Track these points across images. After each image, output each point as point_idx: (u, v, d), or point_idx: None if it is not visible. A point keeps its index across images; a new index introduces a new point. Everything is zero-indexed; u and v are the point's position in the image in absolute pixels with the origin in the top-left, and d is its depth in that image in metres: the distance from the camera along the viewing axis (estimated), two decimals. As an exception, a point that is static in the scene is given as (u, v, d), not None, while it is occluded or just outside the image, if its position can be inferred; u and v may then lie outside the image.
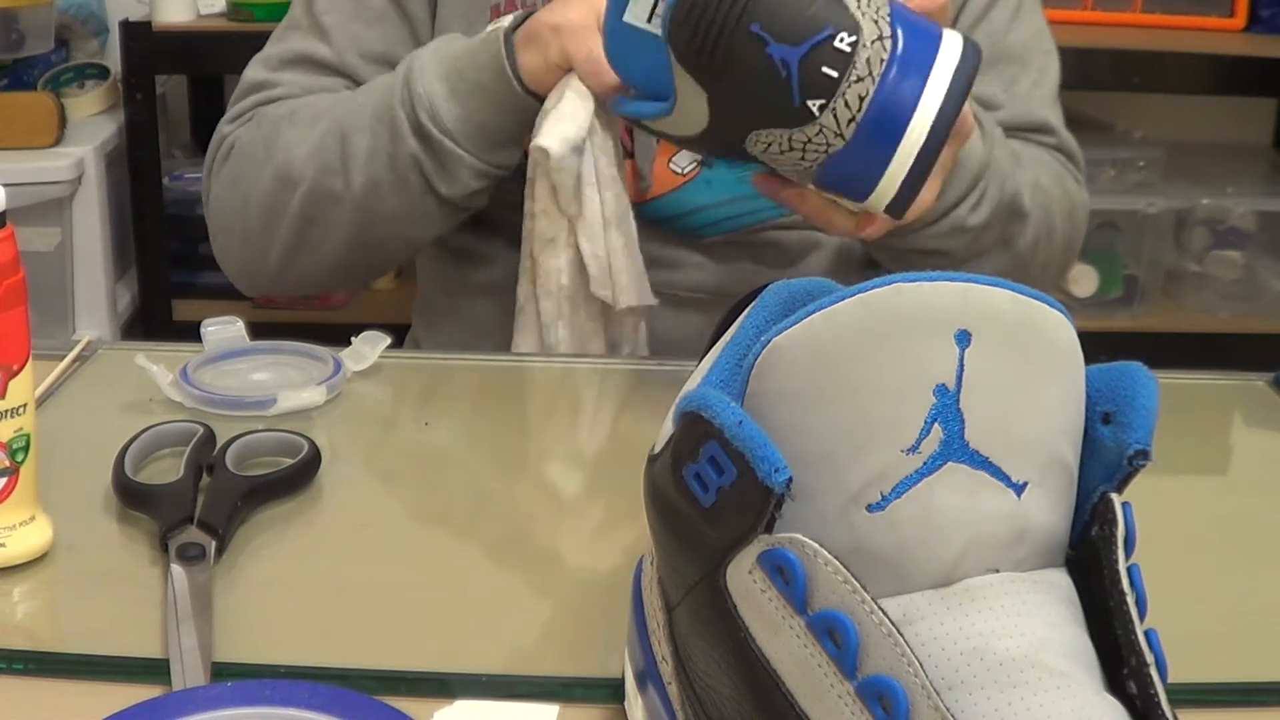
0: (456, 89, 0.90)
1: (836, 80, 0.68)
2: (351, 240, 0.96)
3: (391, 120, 0.91)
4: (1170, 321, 2.14)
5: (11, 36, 1.96)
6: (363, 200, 0.94)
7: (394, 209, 0.94)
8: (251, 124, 1.00)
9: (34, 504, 0.62)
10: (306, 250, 0.98)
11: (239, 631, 0.57)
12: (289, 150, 0.95)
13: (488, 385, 0.90)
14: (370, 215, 0.95)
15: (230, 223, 1.01)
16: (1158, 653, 0.39)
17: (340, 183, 0.94)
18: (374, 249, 0.98)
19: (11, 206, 0.58)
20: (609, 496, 0.74)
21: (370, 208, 0.94)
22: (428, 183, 0.92)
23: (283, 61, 1.02)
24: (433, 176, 0.92)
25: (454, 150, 0.91)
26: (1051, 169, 1.04)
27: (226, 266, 1.05)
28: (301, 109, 0.97)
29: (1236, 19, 2.16)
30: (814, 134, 0.69)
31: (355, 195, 0.94)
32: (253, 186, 0.98)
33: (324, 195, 0.94)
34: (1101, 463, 0.42)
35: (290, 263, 0.99)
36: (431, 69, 0.91)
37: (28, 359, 0.60)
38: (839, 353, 0.40)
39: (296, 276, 1.01)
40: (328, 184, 0.94)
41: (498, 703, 0.55)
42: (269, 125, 0.98)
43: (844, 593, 0.38)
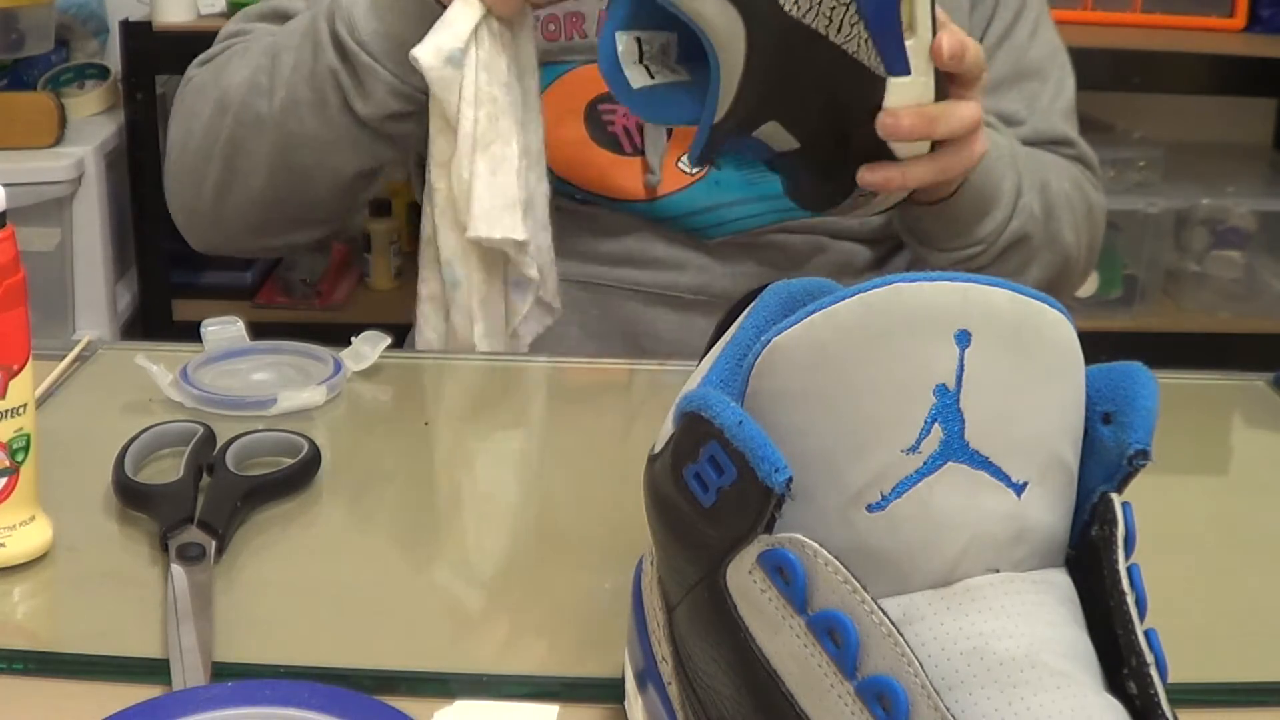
0: (376, 2, 0.88)
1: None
2: (274, 165, 0.94)
3: (315, 35, 0.90)
4: (1170, 321, 2.14)
5: (11, 36, 1.96)
6: (283, 119, 0.92)
7: (314, 130, 0.92)
8: (214, 61, 1.00)
9: (34, 504, 0.62)
10: (236, 182, 0.96)
11: (239, 631, 0.57)
12: (230, 78, 0.95)
13: (488, 385, 0.90)
14: (291, 138, 0.92)
15: (174, 160, 1.00)
16: (1158, 653, 0.39)
17: (265, 103, 0.92)
18: (299, 179, 0.95)
19: (11, 206, 0.58)
20: (609, 496, 0.74)
21: (291, 129, 0.92)
22: (345, 100, 0.90)
23: (260, 15, 1.03)
24: (350, 93, 0.90)
25: (369, 64, 0.88)
26: (1070, 173, 1.06)
27: (173, 212, 1.03)
28: (254, 42, 0.97)
29: (1236, 19, 2.16)
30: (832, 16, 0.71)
31: (275, 114, 0.92)
32: (195, 119, 0.97)
33: (250, 118, 0.93)
34: (1101, 463, 0.42)
35: (222, 196, 0.97)
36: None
37: (28, 359, 0.60)
38: (839, 353, 0.40)
39: (230, 216, 0.98)
40: (254, 105, 0.93)
41: (498, 703, 0.55)
42: (222, 60, 0.98)
43: (844, 593, 0.38)
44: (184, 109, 1.00)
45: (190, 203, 1.00)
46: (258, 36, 1.00)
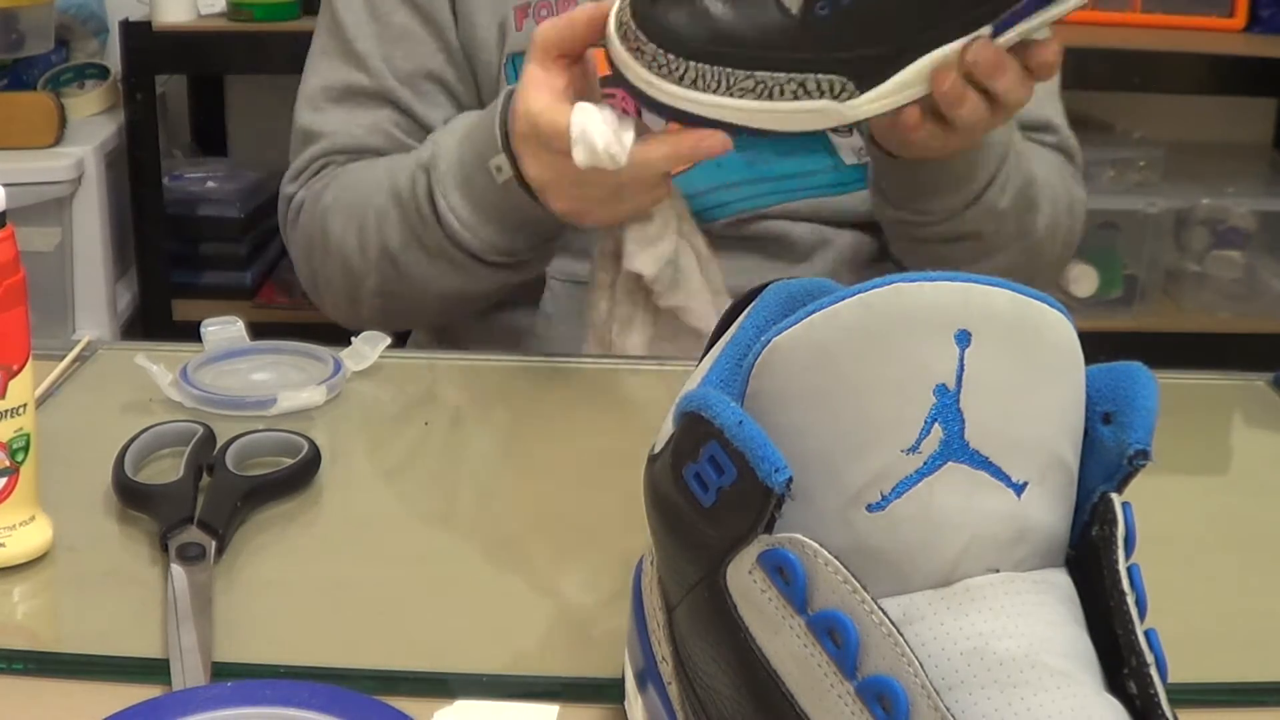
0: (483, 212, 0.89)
1: None
2: (436, 305, 0.98)
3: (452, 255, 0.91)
4: (1170, 321, 2.14)
5: (11, 36, 1.96)
6: (431, 287, 0.94)
7: (459, 286, 0.94)
8: (308, 203, 1.01)
9: (34, 504, 0.62)
10: (396, 310, 0.99)
11: (239, 631, 0.57)
12: (342, 248, 0.96)
13: (488, 385, 0.90)
14: (442, 291, 0.95)
15: (315, 286, 1.03)
16: (1158, 653, 0.39)
17: (403, 285, 0.95)
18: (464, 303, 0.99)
19: (11, 206, 0.58)
20: (609, 496, 0.74)
21: (439, 290, 0.95)
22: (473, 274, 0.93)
23: (326, 98, 1.02)
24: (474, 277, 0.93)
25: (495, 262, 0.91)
26: (1054, 165, 1.06)
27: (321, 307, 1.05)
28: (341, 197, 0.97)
29: (1236, 19, 2.15)
30: None
31: (420, 285, 0.94)
32: (323, 270, 1.00)
33: (392, 285, 0.95)
34: (1101, 463, 0.42)
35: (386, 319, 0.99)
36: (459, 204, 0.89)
37: (28, 359, 0.60)
38: (839, 353, 0.40)
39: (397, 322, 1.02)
40: (391, 284, 0.95)
41: (498, 703, 0.55)
42: (320, 216, 0.99)
43: (844, 593, 0.38)
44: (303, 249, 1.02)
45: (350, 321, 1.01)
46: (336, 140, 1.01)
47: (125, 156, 2.03)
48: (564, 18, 0.81)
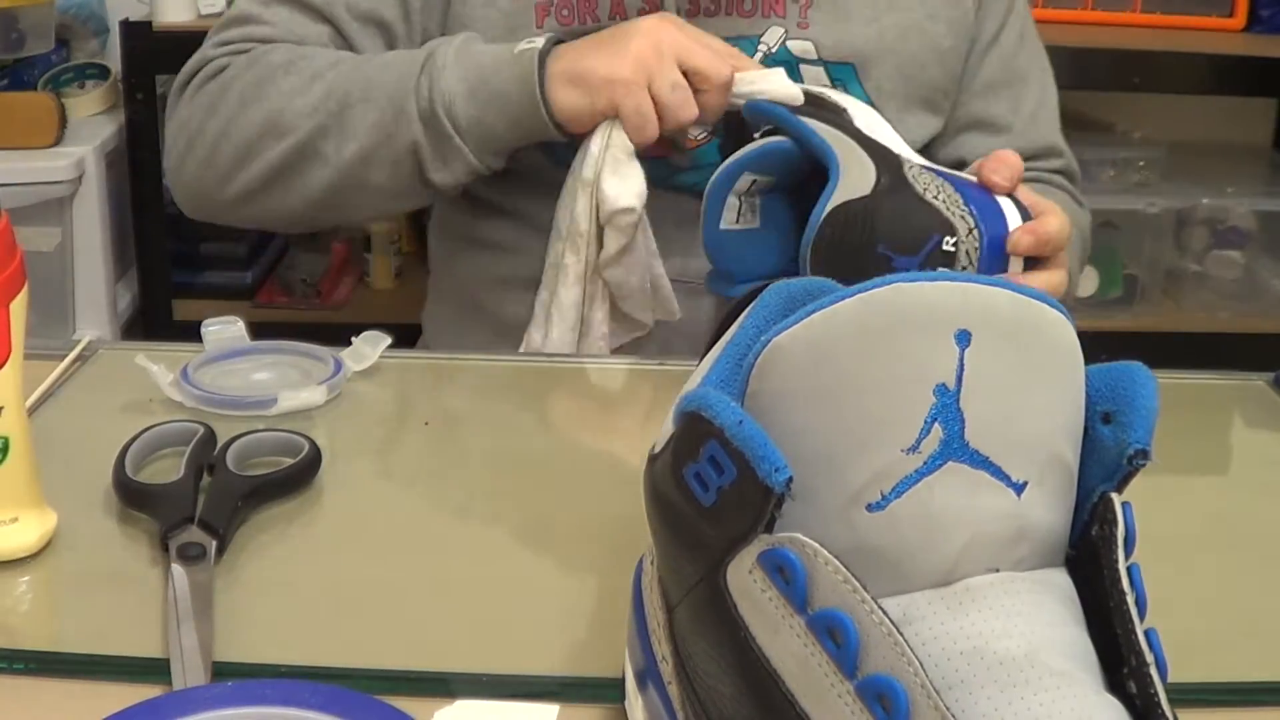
0: (477, 93, 0.93)
1: None
2: (320, 200, 0.99)
3: (402, 103, 0.94)
4: (1170, 321, 2.14)
5: (11, 36, 1.96)
6: (349, 168, 0.96)
7: (378, 182, 0.97)
8: (243, 58, 1.01)
9: (18, 505, 0.61)
10: (271, 195, 1.00)
11: (239, 631, 0.57)
12: (284, 99, 0.97)
13: (488, 385, 0.90)
14: (351, 182, 0.97)
15: (196, 147, 1.01)
16: (1158, 653, 0.39)
17: (332, 146, 0.96)
18: (336, 211, 1.02)
19: (11, 206, 0.58)
20: (609, 496, 0.74)
21: (354, 176, 0.97)
22: (420, 168, 0.96)
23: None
24: (428, 163, 0.95)
25: (459, 146, 0.94)
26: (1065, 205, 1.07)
27: (177, 184, 1.06)
28: (300, 61, 0.98)
29: (1236, 19, 2.15)
30: None
31: (344, 161, 0.96)
32: (233, 121, 0.99)
33: (312, 153, 0.97)
34: (1101, 463, 0.42)
35: (248, 200, 1.01)
36: (454, 67, 0.94)
37: (8, 357, 0.59)
38: (839, 352, 0.40)
39: (247, 212, 1.03)
40: (319, 143, 0.96)
41: (498, 703, 0.55)
42: (263, 67, 0.99)
43: (844, 592, 0.38)
44: (212, 99, 1.01)
45: (206, 189, 1.02)
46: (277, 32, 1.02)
47: (125, 156, 2.03)
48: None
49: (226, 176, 1.00)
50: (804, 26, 1.01)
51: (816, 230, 0.82)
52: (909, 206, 0.84)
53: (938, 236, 0.84)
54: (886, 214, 0.82)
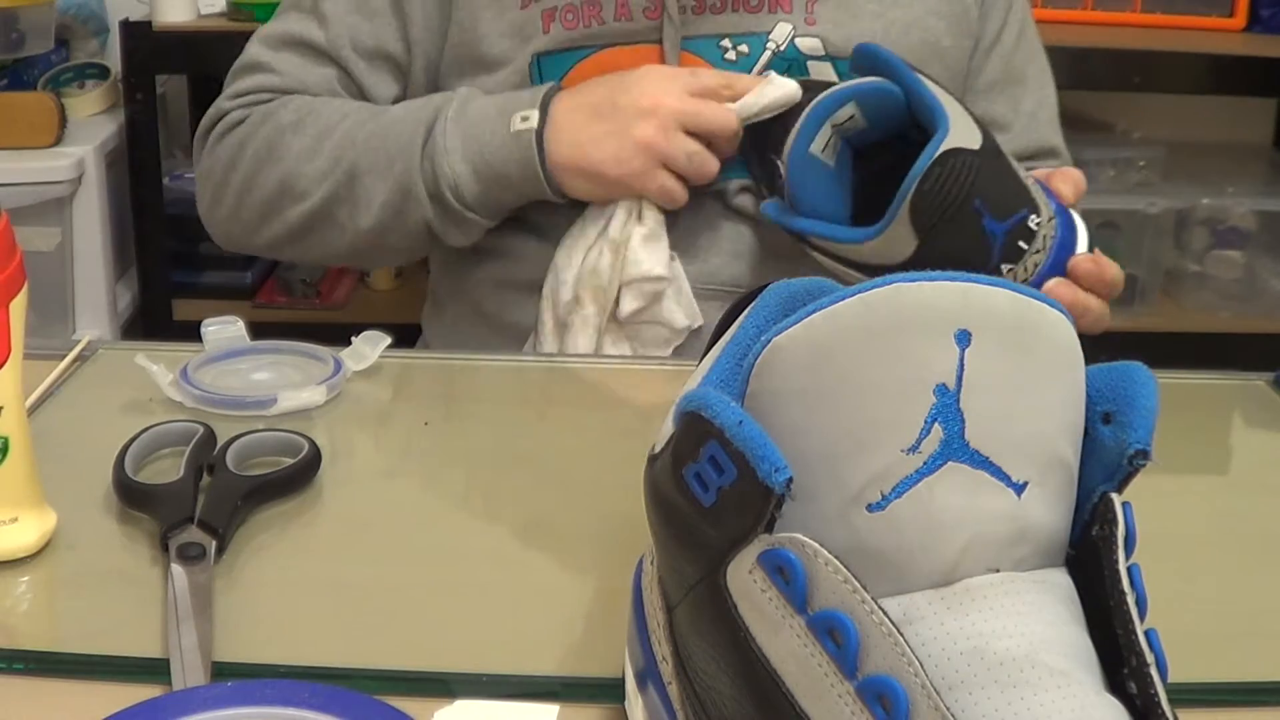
0: (480, 174, 0.96)
1: (1025, 251, 0.86)
2: (343, 256, 1.05)
3: (410, 186, 0.97)
4: (1170, 321, 2.14)
5: (11, 36, 1.96)
6: (366, 235, 1.01)
7: (395, 245, 1.02)
8: (257, 113, 1.03)
9: (18, 505, 0.61)
10: (297, 248, 1.05)
11: (239, 631, 0.57)
12: (296, 163, 1.00)
13: (488, 385, 0.90)
14: (369, 245, 1.02)
15: (223, 199, 1.06)
16: (1158, 653, 0.39)
17: (346, 214, 1.00)
18: (362, 262, 1.12)
19: (11, 206, 0.58)
20: (609, 496, 0.74)
21: (371, 241, 1.01)
22: (433, 235, 1.00)
23: (281, 41, 1.06)
24: (441, 233, 1.00)
25: (471, 219, 0.98)
26: None
27: (211, 229, 1.10)
28: (308, 119, 1.01)
29: (1236, 19, 2.15)
30: None
31: (359, 229, 1.00)
32: (253, 179, 1.03)
33: (327, 218, 1.01)
34: (1101, 463, 0.42)
35: (278, 249, 1.07)
36: (456, 150, 0.96)
37: (8, 357, 0.59)
38: (839, 352, 0.40)
39: (283, 256, 1.12)
40: (333, 211, 1.00)
41: (498, 703, 0.55)
42: (273, 128, 1.01)
43: (844, 592, 0.38)
44: (231, 155, 1.04)
45: (235, 237, 1.08)
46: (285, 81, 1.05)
47: (125, 156, 2.03)
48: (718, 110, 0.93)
49: (253, 229, 1.05)
50: (811, 22, 1.01)
51: (926, 168, 0.83)
52: (1008, 175, 0.86)
53: (1027, 211, 0.86)
54: (988, 173, 0.84)
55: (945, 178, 0.83)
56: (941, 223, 0.84)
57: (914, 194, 0.83)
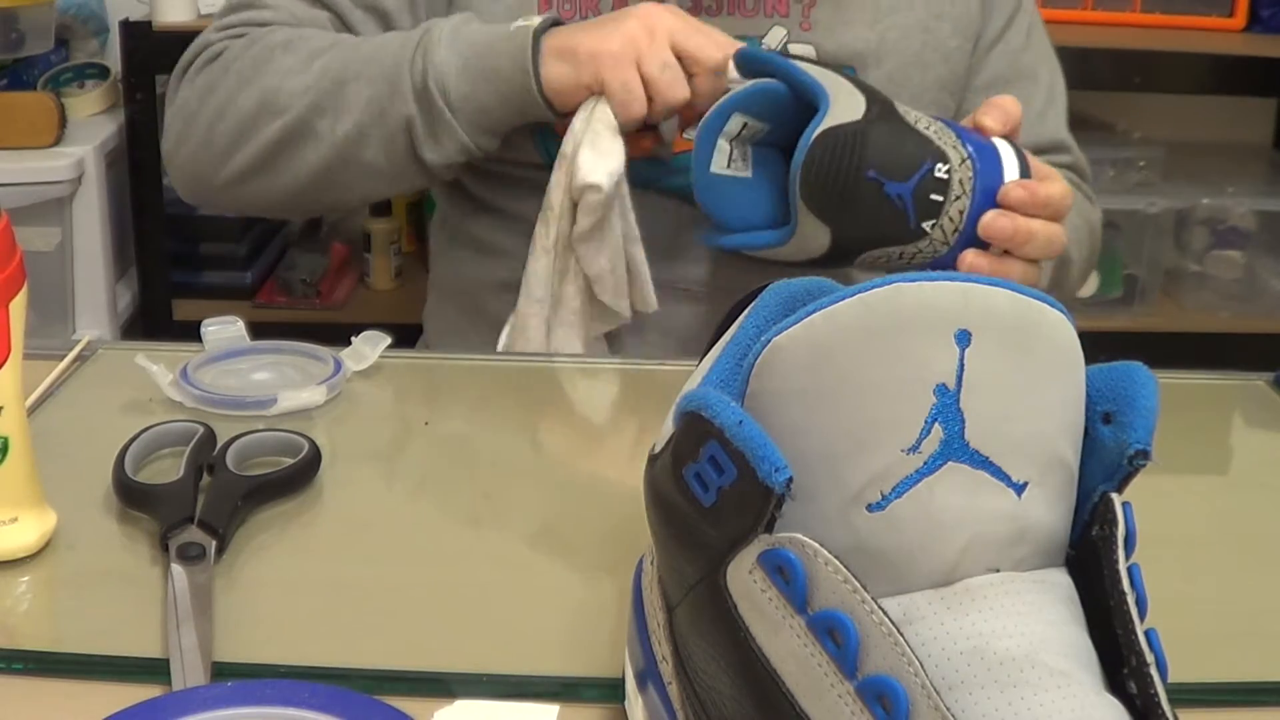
0: (470, 67, 0.94)
1: (942, 202, 0.83)
2: (315, 179, 0.99)
3: (397, 80, 0.94)
4: (1170, 321, 2.14)
5: (11, 36, 1.96)
6: (343, 145, 0.97)
7: (371, 160, 0.97)
8: (243, 40, 1.01)
9: (18, 505, 0.61)
10: (266, 175, 1.00)
11: (239, 631, 0.57)
12: (280, 78, 0.97)
13: (488, 385, 0.90)
14: (345, 161, 0.98)
15: (193, 128, 1.02)
16: (1158, 653, 0.39)
17: (327, 124, 0.97)
18: (331, 191, 1.01)
19: (11, 206, 0.58)
20: (609, 496, 0.74)
21: (348, 154, 0.97)
22: (413, 145, 0.96)
23: None
24: (420, 141, 0.96)
25: (450, 122, 0.95)
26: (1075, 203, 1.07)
27: (174, 167, 1.06)
28: (298, 41, 0.99)
29: (1236, 19, 2.16)
30: (925, 245, 0.84)
31: (337, 139, 0.97)
32: (231, 101, 0.99)
33: (306, 130, 0.97)
34: (1101, 463, 0.42)
35: (244, 181, 1.01)
36: (449, 44, 0.94)
37: (8, 357, 0.59)
38: (839, 352, 0.40)
39: (243, 195, 1.03)
40: (314, 121, 0.97)
41: (498, 703, 0.55)
42: (261, 47, 0.99)
43: (844, 592, 0.38)
44: (211, 81, 1.01)
45: (203, 172, 1.03)
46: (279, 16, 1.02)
47: (125, 156, 2.03)
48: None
49: (223, 157, 1.00)
50: (806, 28, 1.01)
51: (806, 153, 0.81)
52: (900, 133, 0.83)
53: (930, 163, 0.83)
54: (876, 139, 0.81)
55: (826, 160, 0.81)
56: (841, 204, 0.82)
57: (801, 184, 0.82)
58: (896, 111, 0.84)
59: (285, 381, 0.81)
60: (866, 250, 0.85)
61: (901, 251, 0.85)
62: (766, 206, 0.90)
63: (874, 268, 0.87)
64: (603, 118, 0.91)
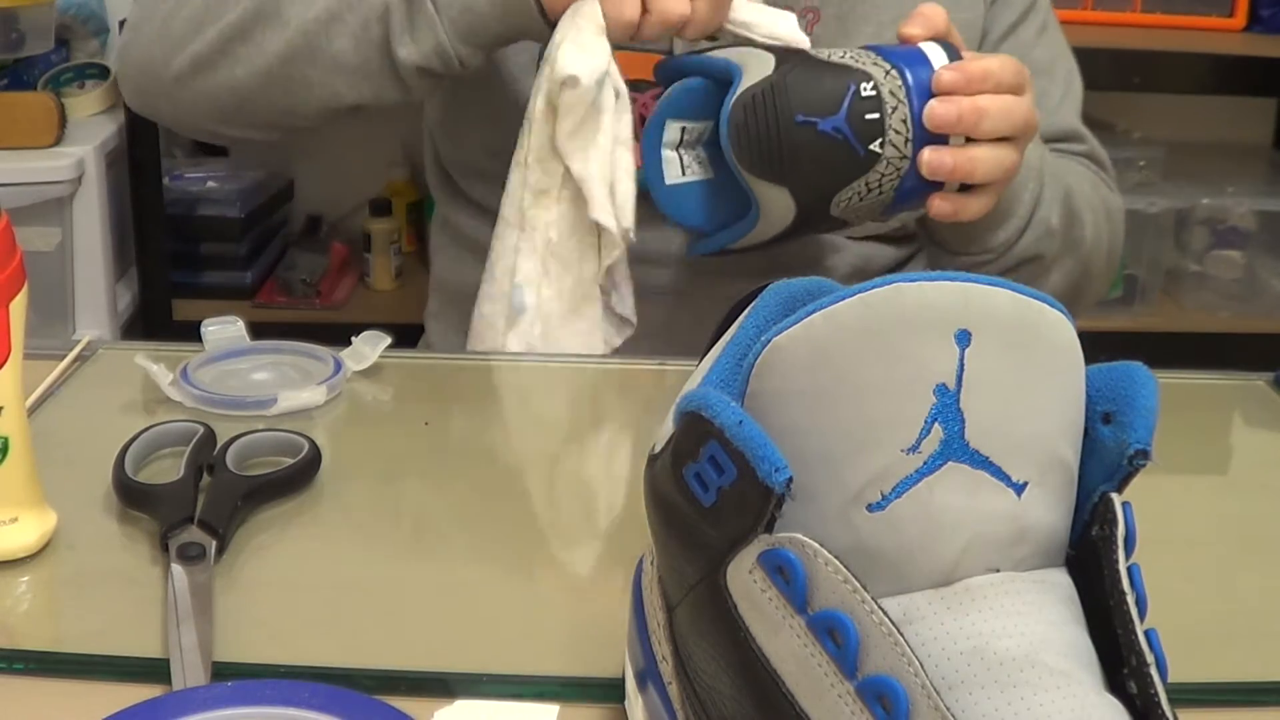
0: None
1: (879, 119, 0.82)
2: (273, 73, 0.93)
3: None
4: (1170, 321, 2.14)
5: (11, 36, 1.96)
6: (311, 30, 0.91)
7: (340, 51, 0.91)
8: None
9: (18, 505, 0.61)
10: (220, 65, 0.94)
11: (239, 631, 0.57)
12: None
13: (488, 385, 0.90)
14: (311, 50, 0.92)
15: (150, 18, 0.97)
16: (1158, 653, 0.39)
17: (298, 4, 0.91)
18: (289, 91, 0.94)
19: (11, 206, 0.58)
20: (609, 496, 0.74)
21: (314, 42, 0.91)
22: (386, 38, 0.90)
23: None
24: (396, 31, 0.90)
25: (432, 15, 0.89)
26: (1085, 174, 1.09)
27: (127, 60, 1.01)
28: None
29: (1236, 19, 2.16)
30: (884, 167, 0.83)
31: (305, 22, 0.91)
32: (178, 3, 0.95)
33: (272, 11, 0.92)
34: (1101, 463, 0.42)
35: (195, 73, 0.95)
36: None
37: (8, 357, 0.59)
38: (839, 352, 0.40)
39: (193, 93, 0.97)
40: (281, 2, 0.91)
41: (498, 703, 0.55)
42: None
43: (844, 592, 0.38)
44: None
45: (155, 67, 0.97)
46: None
47: (125, 156, 2.03)
48: None
49: (179, 43, 0.95)
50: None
51: (729, 124, 0.80)
52: (814, 71, 0.82)
53: (854, 85, 0.81)
54: (793, 84, 0.81)
55: (751, 122, 0.80)
56: (783, 159, 0.81)
57: (737, 155, 0.81)
58: (809, 55, 0.83)
59: (285, 381, 0.81)
60: (832, 197, 0.84)
61: (866, 183, 0.83)
62: (734, 199, 0.88)
63: (854, 214, 0.85)
64: (590, 14, 0.86)
